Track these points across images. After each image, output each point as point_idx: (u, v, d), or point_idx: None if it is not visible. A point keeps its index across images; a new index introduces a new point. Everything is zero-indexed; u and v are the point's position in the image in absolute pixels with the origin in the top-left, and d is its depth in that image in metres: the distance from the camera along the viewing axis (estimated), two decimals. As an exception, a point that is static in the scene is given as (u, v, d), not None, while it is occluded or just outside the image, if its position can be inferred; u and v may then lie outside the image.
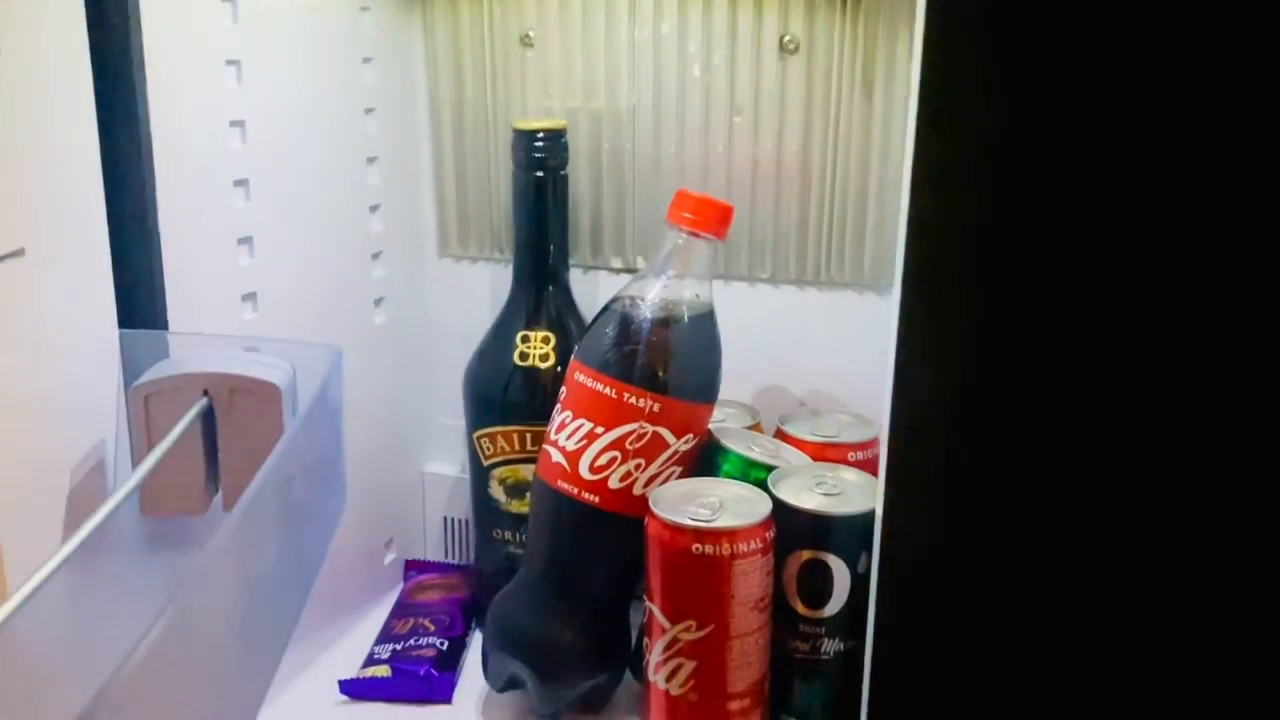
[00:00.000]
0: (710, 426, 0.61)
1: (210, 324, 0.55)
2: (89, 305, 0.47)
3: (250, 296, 0.58)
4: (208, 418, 0.47)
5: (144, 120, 0.49)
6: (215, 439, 0.47)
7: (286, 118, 0.59)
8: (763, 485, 0.56)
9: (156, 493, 0.47)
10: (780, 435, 0.64)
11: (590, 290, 0.71)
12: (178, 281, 0.52)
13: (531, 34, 0.68)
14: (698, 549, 0.52)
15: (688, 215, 0.59)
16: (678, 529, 0.52)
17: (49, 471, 0.44)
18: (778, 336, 0.69)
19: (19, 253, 0.41)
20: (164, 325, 0.52)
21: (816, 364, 0.69)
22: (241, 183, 0.56)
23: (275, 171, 0.58)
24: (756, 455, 0.59)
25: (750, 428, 0.66)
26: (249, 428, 0.47)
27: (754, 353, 0.67)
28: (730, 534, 0.52)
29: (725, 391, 0.63)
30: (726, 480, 0.57)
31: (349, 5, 0.64)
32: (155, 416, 0.47)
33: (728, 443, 0.60)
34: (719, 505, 0.54)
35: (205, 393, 0.47)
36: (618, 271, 0.71)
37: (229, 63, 0.55)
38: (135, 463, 0.47)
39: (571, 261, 0.70)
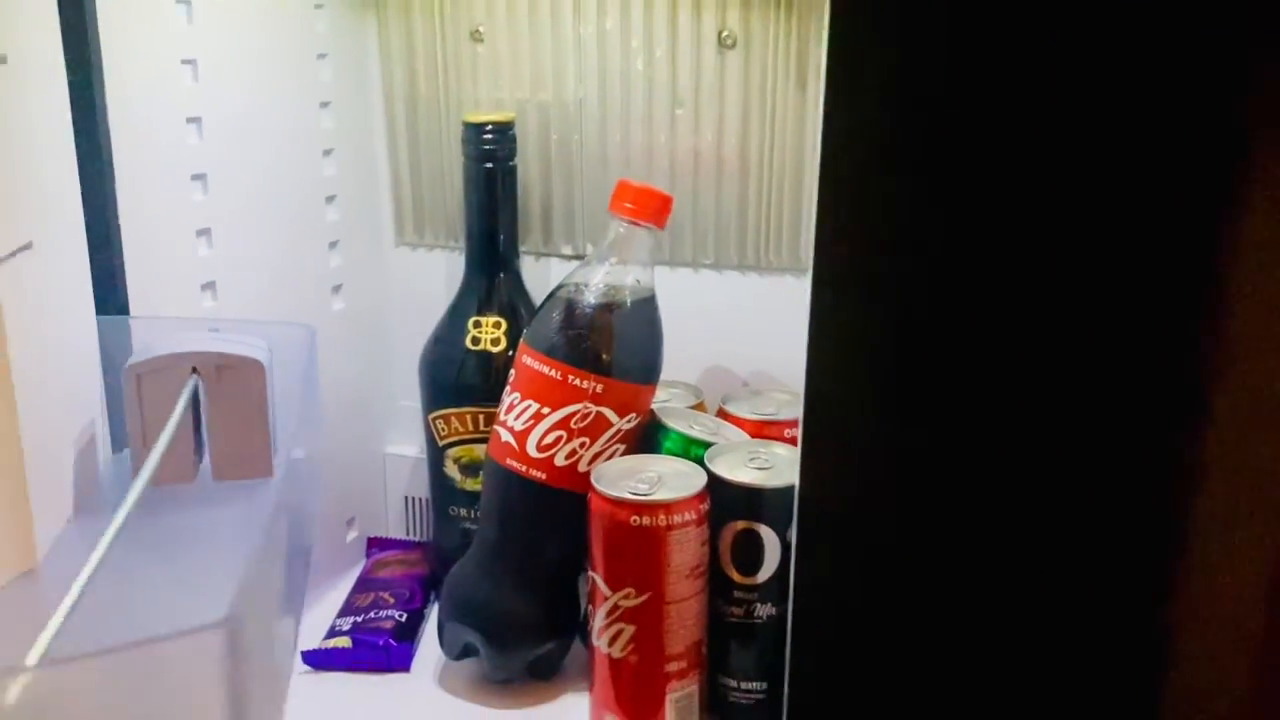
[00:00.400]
0: (654, 406, 0.64)
1: (170, 312, 0.57)
2: (76, 294, 0.50)
3: (209, 285, 0.60)
4: (195, 392, 0.50)
5: (103, 120, 0.52)
6: (201, 412, 0.51)
7: (242, 114, 0.61)
8: (701, 461, 0.59)
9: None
10: (722, 414, 0.67)
11: (543, 276, 0.74)
12: (138, 272, 0.54)
13: (481, 29, 0.71)
14: (635, 521, 0.55)
15: (628, 205, 0.61)
16: (617, 502, 0.55)
17: (54, 450, 0.47)
18: (721, 320, 0.72)
19: (27, 246, 0.44)
20: (125, 313, 0.54)
21: (758, 345, 0.72)
22: (199, 177, 0.59)
23: (232, 166, 0.61)
24: (696, 433, 0.62)
25: (694, 407, 0.69)
26: (235, 401, 0.50)
27: (699, 335, 0.70)
28: (666, 506, 0.55)
29: (671, 372, 0.66)
30: (666, 456, 0.60)
31: (303, 3, 0.66)
32: (148, 393, 0.49)
33: (669, 421, 0.63)
34: (657, 480, 0.57)
35: (194, 370, 0.50)
36: (568, 258, 0.74)
37: (185, 62, 0.57)
38: (130, 436, 0.50)
39: (524, 248, 0.73)
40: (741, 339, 0.72)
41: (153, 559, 0.47)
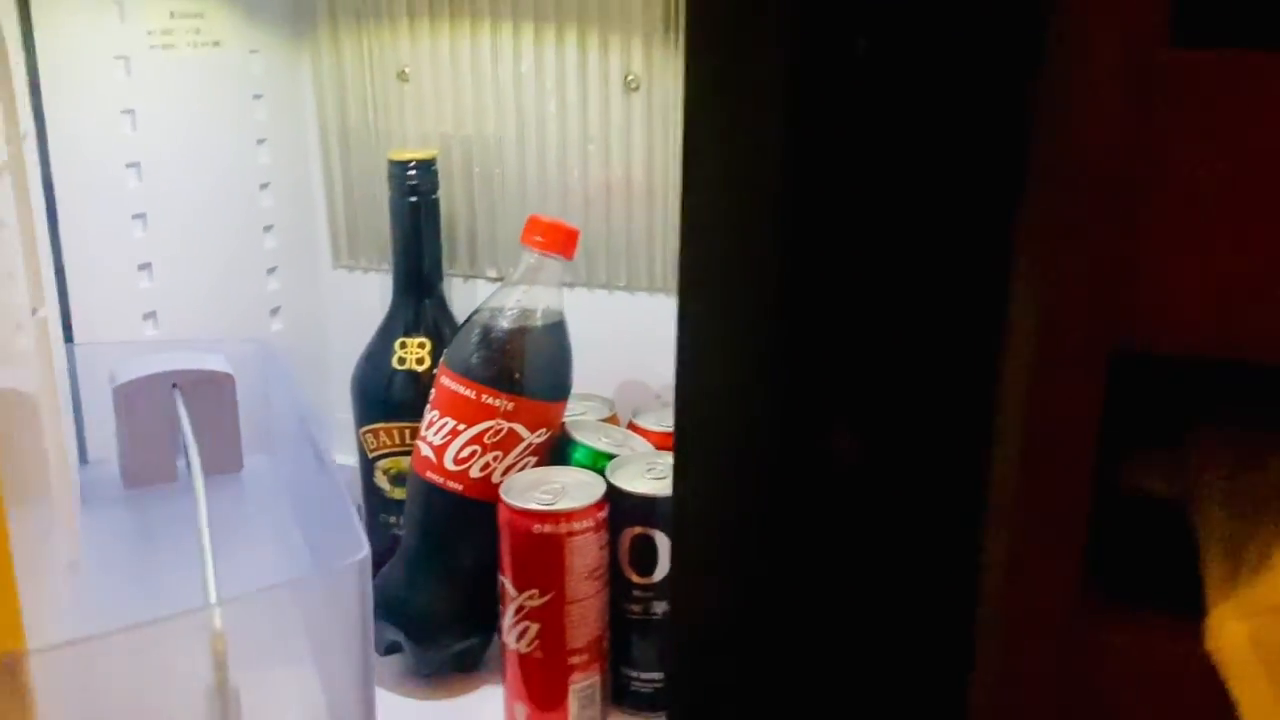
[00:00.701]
0: (566, 419, 0.70)
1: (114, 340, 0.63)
2: (56, 327, 0.56)
3: (150, 315, 0.66)
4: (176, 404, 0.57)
5: (45, 166, 0.57)
6: (182, 421, 0.57)
7: (180, 155, 0.67)
8: (604, 472, 0.65)
9: (136, 469, 0.57)
10: (632, 426, 0.73)
11: (470, 296, 0.80)
12: (81, 305, 0.60)
13: (407, 70, 0.76)
14: (538, 529, 0.61)
15: (538, 238, 0.67)
16: (521, 512, 0.61)
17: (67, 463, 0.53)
18: (635, 337, 0.78)
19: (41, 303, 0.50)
20: (70, 342, 0.60)
21: (670, 361, 0.77)
22: (139, 216, 0.64)
23: (171, 204, 0.66)
24: (603, 446, 0.68)
25: (607, 419, 0.74)
26: (209, 410, 0.58)
27: (615, 352, 0.76)
28: (566, 515, 0.61)
29: (588, 386, 0.72)
30: (571, 468, 0.66)
31: (239, 49, 0.71)
32: (135, 409, 0.57)
33: (578, 435, 0.69)
34: (561, 490, 0.63)
35: (174, 385, 0.56)
36: (493, 280, 0.80)
37: (124, 112, 0.62)
38: (119, 446, 0.58)
39: (451, 271, 0.78)
40: (654, 355, 0.77)
41: (166, 543, 0.56)
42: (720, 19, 0.46)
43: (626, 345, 0.78)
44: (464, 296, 0.79)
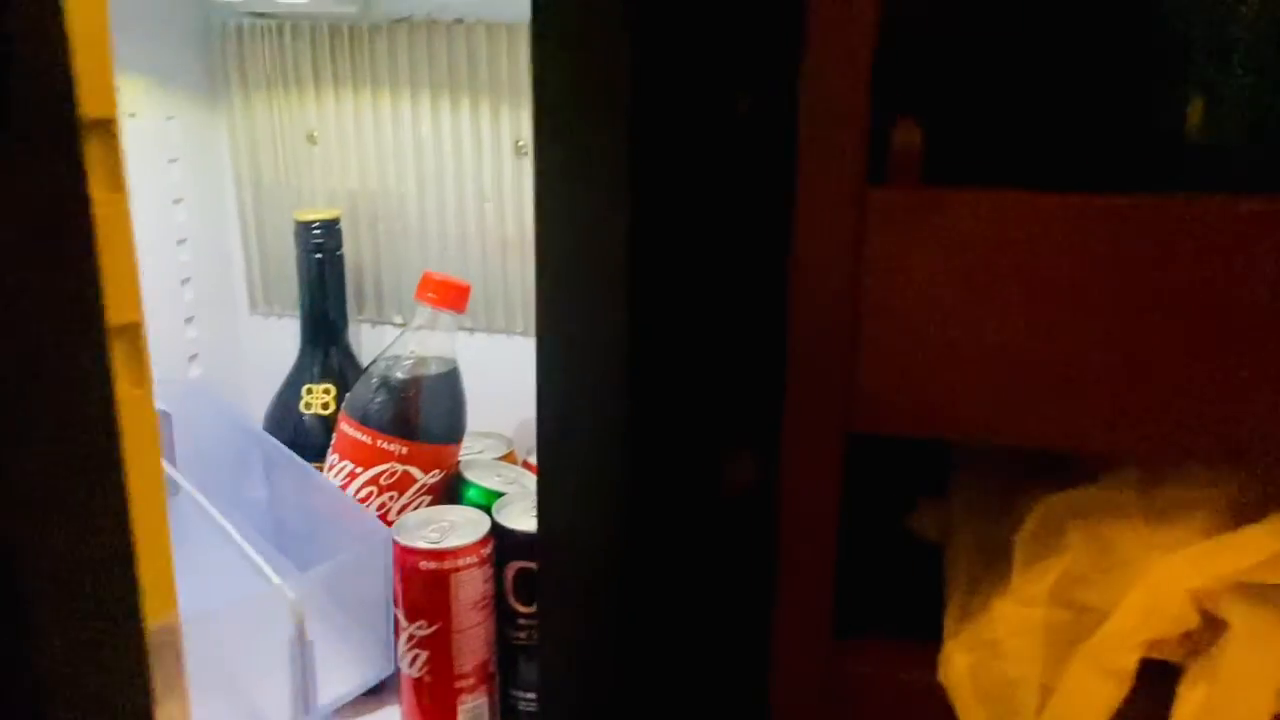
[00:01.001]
0: (462, 458, 0.76)
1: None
2: None
3: (69, 369, 0.71)
4: None
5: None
6: None
7: (97, 220, 0.72)
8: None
9: None
10: (525, 465, 0.79)
11: (379, 340, 0.86)
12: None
13: (315, 133, 0.82)
14: (425, 565, 0.66)
15: (431, 295, 0.73)
16: (409, 550, 0.67)
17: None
18: (530, 378, 0.83)
19: None
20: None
21: (564, 401, 0.84)
22: (56, 279, 0.69)
23: (87, 265, 0.71)
24: (494, 484, 0.74)
25: (503, 457, 0.80)
26: None
27: (513, 393, 0.81)
28: (452, 552, 0.67)
29: (489, 425, 0.78)
30: (460, 507, 0.72)
31: (155, 118, 0.77)
32: None
33: (470, 475, 0.74)
34: (449, 528, 0.69)
35: None
36: (398, 325, 0.86)
37: (40, 185, 0.67)
38: None
39: (361, 317, 0.84)
40: (549, 396, 0.84)
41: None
42: (565, 115, 0.52)
43: (523, 386, 0.83)
44: (372, 340, 0.85)
